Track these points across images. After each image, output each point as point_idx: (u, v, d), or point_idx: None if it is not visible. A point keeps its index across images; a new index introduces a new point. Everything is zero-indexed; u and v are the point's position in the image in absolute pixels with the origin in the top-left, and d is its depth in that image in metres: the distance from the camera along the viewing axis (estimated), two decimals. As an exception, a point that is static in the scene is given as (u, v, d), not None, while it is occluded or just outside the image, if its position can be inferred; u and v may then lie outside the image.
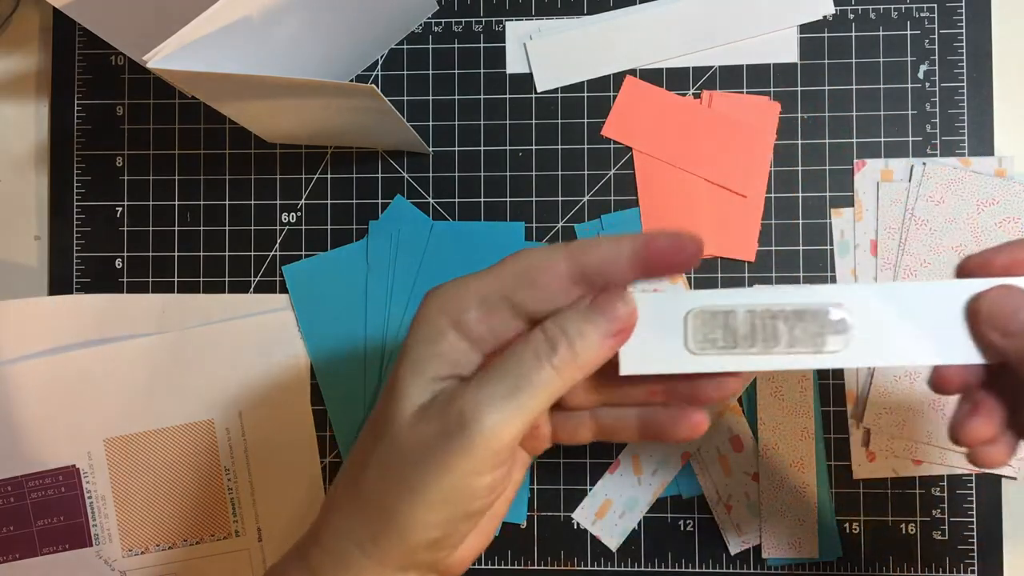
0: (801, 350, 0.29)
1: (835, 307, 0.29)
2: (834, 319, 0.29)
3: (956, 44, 0.48)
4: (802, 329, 0.29)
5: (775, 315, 0.29)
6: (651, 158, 0.48)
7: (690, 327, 0.29)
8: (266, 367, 0.49)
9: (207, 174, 0.51)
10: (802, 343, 0.29)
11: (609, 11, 0.49)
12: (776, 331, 0.29)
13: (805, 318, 0.29)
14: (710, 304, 0.29)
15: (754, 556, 0.48)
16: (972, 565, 0.47)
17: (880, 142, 0.48)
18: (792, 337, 0.29)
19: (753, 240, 0.48)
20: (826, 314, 0.29)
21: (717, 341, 0.29)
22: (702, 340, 0.29)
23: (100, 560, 0.50)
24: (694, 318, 0.29)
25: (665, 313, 0.30)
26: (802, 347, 0.29)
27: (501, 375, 0.28)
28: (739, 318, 0.29)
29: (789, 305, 0.29)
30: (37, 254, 0.51)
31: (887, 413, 0.47)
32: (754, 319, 0.29)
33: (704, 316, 0.29)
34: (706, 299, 0.30)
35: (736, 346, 0.29)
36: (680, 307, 0.30)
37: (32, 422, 0.49)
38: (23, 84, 0.52)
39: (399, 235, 0.49)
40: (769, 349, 0.29)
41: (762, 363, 0.29)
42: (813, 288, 0.29)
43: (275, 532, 0.50)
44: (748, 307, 0.29)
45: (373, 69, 0.50)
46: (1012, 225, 0.46)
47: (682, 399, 0.31)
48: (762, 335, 0.29)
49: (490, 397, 0.27)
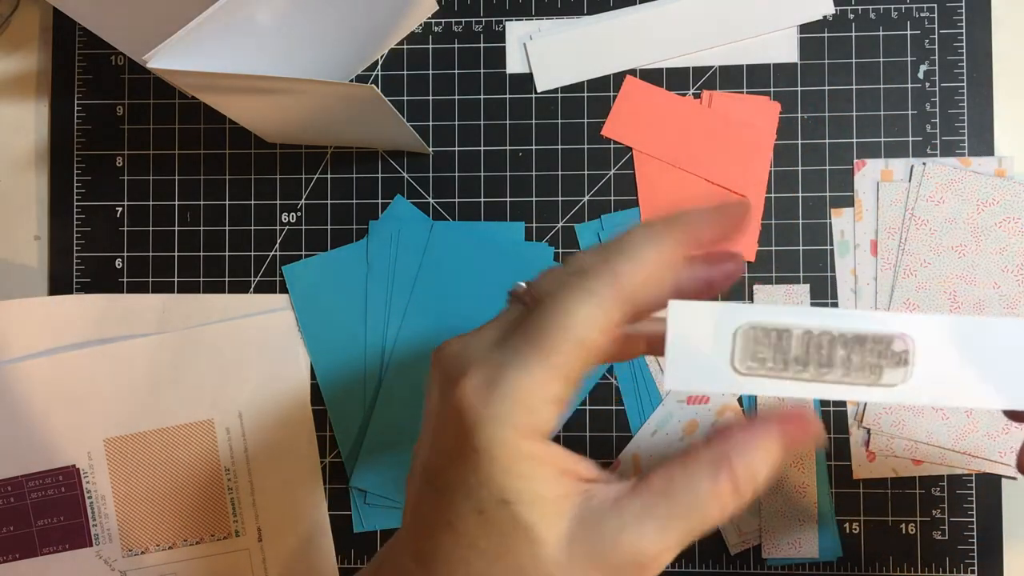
0: (856, 380, 0.27)
1: (899, 337, 0.26)
2: (897, 349, 0.26)
3: (956, 44, 0.48)
4: (860, 357, 0.26)
5: (834, 339, 0.27)
6: (651, 158, 0.48)
7: (738, 344, 0.27)
8: (266, 367, 0.49)
9: (207, 174, 0.51)
10: (858, 372, 0.27)
11: (609, 11, 0.49)
12: (832, 356, 0.27)
13: (865, 344, 0.26)
14: (763, 321, 0.27)
15: (754, 556, 0.48)
16: (972, 565, 0.47)
17: (880, 142, 0.48)
18: (848, 364, 0.27)
19: (753, 240, 0.48)
20: (889, 343, 0.26)
21: (766, 362, 0.27)
22: (750, 360, 0.27)
23: (100, 560, 0.50)
24: (743, 335, 0.27)
25: (713, 326, 0.27)
26: (857, 377, 0.27)
27: (677, 517, 0.25)
28: (794, 338, 0.27)
29: (850, 330, 0.27)
30: (37, 254, 0.51)
31: (887, 413, 0.47)
32: (810, 340, 0.27)
33: (755, 333, 0.27)
34: (760, 315, 0.27)
35: (786, 369, 0.27)
36: (730, 321, 0.27)
37: (32, 422, 0.49)
38: (23, 84, 0.52)
39: (399, 235, 0.49)
40: (821, 376, 0.27)
41: (813, 391, 0.27)
42: (877, 315, 0.27)
43: (275, 532, 0.50)
44: (805, 328, 0.27)
45: (373, 69, 0.50)
46: (1012, 225, 0.46)
47: None
48: (816, 359, 0.27)
49: (669, 545, 0.25)
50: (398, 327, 0.49)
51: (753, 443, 0.26)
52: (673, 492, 0.25)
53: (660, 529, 0.24)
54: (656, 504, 0.25)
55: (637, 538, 0.24)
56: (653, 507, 0.25)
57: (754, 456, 0.25)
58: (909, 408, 0.46)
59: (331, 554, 0.49)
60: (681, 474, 0.25)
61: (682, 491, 0.25)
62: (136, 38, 0.42)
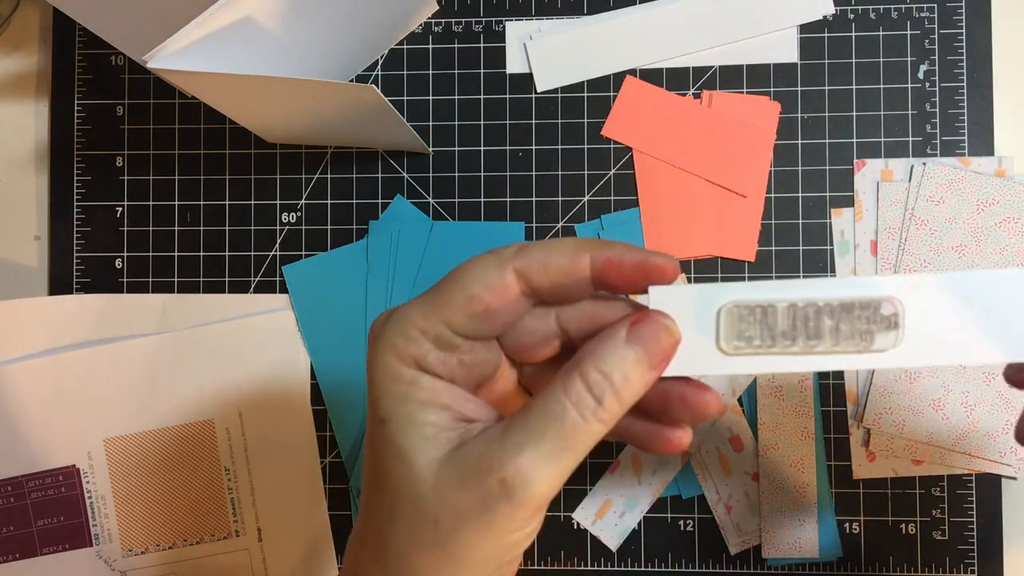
0: (846, 348, 0.26)
1: (887, 300, 0.26)
2: (885, 313, 0.26)
3: (956, 44, 0.48)
4: (849, 324, 0.26)
5: (820, 309, 0.26)
6: (651, 158, 0.48)
7: (723, 324, 0.26)
8: (266, 367, 0.49)
9: (207, 174, 0.51)
10: (848, 341, 0.26)
11: (609, 11, 0.49)
12: (820, 327, 0.26)
13: (853, 312, 0.26)
14: (746, 298, 0.26)
15: (754, 556, 0.48)
16: (972, 565, 0.47)
17: (880, 142, 0.48)
18: (837, 334, 0.26)
19: (753, 240, 0.48)
20: (877, 308, 0.26)
21: (753, 339, 0.26)
22: (736, 338, 0.26)
23: (100, 560, 0.50)
24: (727, 314, 0.26)
25: (695, 308, 0.26)
26: (847, 345, 0.26)
27: (541, 433, 0.25)
28: (779, 313, 0.26)
29: (835, 298, 0.26)
30: (37, 254, 0.51)
31: (887, 413, 0.47)
32: (796, 313, 0.26)
33: (740, 311, 0.26)
34: (742, 292, 0.26)
35: (774, 344, 0.26)
36: (713, 302, 0.26)
37: (32, 422, 0.49)
38: (23, 84, 0.52)
39: (399, 235, 0.49)
40: (811, 348, 0.26)
41: (803, 364, 0.26)
42: (863, 279, 0.26)
43: (275, 532, 0.50)
44: (790, 301, 0.26)
45: (373, 69, 0.50)
46: (1012, 225, 0.46)
47: (658, 415, 0.29)
48: (804, 332, 0.26)
49: (534, 462, 0.25)
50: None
51: (602, 347, 0.26)
52: (532, 409, 0.26)
53: (518, 446, 0.25)
54: (517, 424, 0.26)
55: (499, 457, 0.25)
56: (514, 427, 0.26)
57: (605, 359, 0.26)
58: (909, 408, 0.46)
59: (331, 554, 0.49)
60: (541, 393, 0.26)
61: (539, 406, 0.26)
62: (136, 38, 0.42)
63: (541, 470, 0.25)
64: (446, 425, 0.27)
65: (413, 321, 0.27)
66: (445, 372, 0.27)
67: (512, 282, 0.27)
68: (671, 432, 0.29)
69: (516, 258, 0.27)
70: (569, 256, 0.27)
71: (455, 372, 0.28)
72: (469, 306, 0.26)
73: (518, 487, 0.25)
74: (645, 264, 0.26)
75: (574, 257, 0.27)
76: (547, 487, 0.25)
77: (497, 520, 0.25)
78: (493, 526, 0.25)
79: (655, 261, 0.26)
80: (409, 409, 0.26)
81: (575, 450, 0.25)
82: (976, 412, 0.46)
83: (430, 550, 0.26)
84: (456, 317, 0.27)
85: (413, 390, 0.27)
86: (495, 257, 0.27)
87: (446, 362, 0.27)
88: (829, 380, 0.48)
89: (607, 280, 0.27)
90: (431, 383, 0.27)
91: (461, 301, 0.26)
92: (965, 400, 0.46)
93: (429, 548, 0.26)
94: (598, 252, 0.27)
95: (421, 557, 0.26)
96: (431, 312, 0.27)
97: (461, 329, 0.27)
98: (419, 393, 0.27)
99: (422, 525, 0.26)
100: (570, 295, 0.28)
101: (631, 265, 0.27)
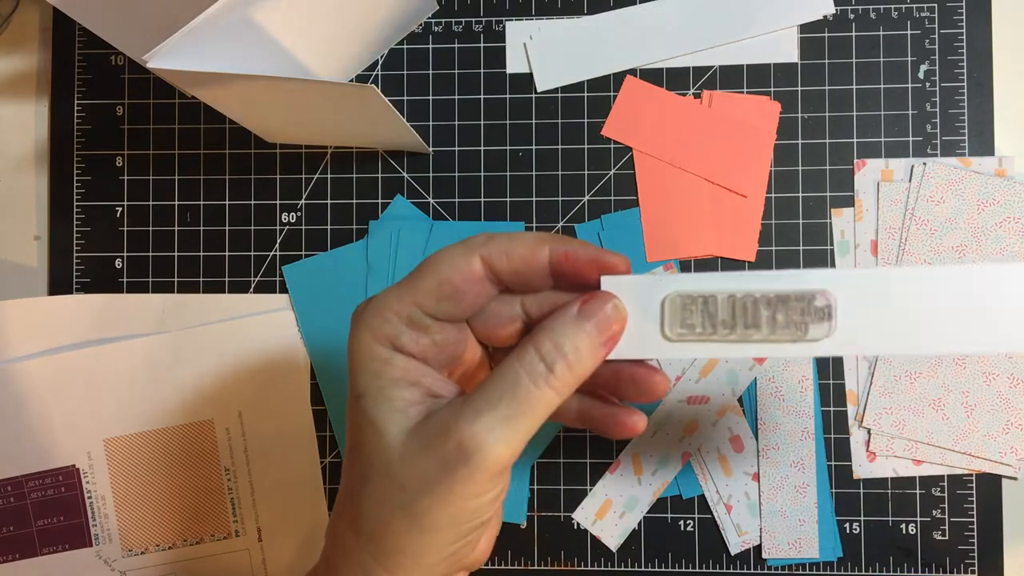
0: (782, 337, 0.28)
1: (820, 293, 0.28)
2: (819, 305, 0.28)
3: (956, 44, 0.48)
4: (784, 315, 0.28)
5: (757, 300, 0.28)
6: (651, 158, 0.48)
7: (667, 312, 0.28)
8: (266, 367, 0.49)
9: (207, 174, 0.51)
10: (784, 330, 0.28)
11: (609, 11, 0.49)
12: (757, 317, 0.28)
13: (788, 303, 0.28)
14: (689, 289, 0.28)
15: (754, 556, 0.48)
16: (972, 565, 0.47)
17: (880, 142, 0.48)
18: (774, 323, 0.28)
19: (753, 240, 0.48)
20: (811, 300, 0.28)
21: (695, 327, 0.28)
22: (679, 326, 0.28)
23: (100, 560, 0.50)
24: (671, 303, 0.28)
25: (642, 297, 0.29)
26: (783, 334, 0.28)
27: (496, 399, 0.27)
28: (719, 303, 0.28)
29: (772, 290, 0.28)
30: (37, 254, 0.51)
31: (887, 413, 0.47)
32: (735, 304, 0.28)
33: (682, 301, 0.28)
34: (685, 283, 0.28)
35: (715, 332, 0.28)
36: (658, 292, 0.29)
37: (32, 422, 0.49)
38: (23, 84, 0.52)
39: (399, 235, 0.49)
40: (748, 336, 0.28)
41: (740, 351, 0.28)
42: (798, 273, 0.28)
43: (275, 532, 0.50)
44: (729, 292, 0.28)
45: (373, 69, 0.50)
46: (1012, 225, 0.46)
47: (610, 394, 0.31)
48: (742, 321, 0.28)
49: (489, 425, 0.27)
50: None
51: (554, 321, 0.28)
52: (490, 379, 0.28)
53: (476, 411, 0.27)
54: (476, 393, 0.28)
55: (457, 423, 0.27)
56: (473, 396, 0.28)
57: (557, 331, 0.28)
58: (909, 408, 0.46)
59: (331, 554, 0.49)
60: (499, 365, 0.28)
61: (496, 376, 0.28)
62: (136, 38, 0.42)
63: (496, 433, 0.27)
64: (416, 400, 0.29)
65: (389, 304, 0.29)
66: (417, 352, 0.29)
67: (478, 267, 0.29)
68: (627, 416, 0.31)
69: (482, 246, 0.29)
70: (530, 247, 0.29)
71: (427, 352, 0.30)
72: (439, 289, 0.29)
73: (474, 451, 0.27)
74: (598, 259, 0.29)
75: (534, 248, 0.29)
76: (502, 451, 0.27)
77: (456, 484, 0.27)
78: (454, 489, 0.27)
79: (607, 258, 0.29)
80: (382, 384, 0.29)
81: (529, 415, 0.27)
82: (976, 412, 0.46)
83: (399, 514, 0.28)
84: (428, 300, 0.29)
85: (387, 368, 0.29)
86: (463, 246, 0.29)
87: (418, 342, 0.29)
88: (829, 380, 0.48)
89: (563, 271, 0.29)
90: (404, 362, 0.29)
91: (432, 285, 0.29)
92: (965, 400, 0.46)
93: (399, 512, 0.28)
94: (556, 246, 0.29)
95: (391, 521, 0.28)
96: (405, 295, 0.29)
97: (432, 311, 0.29)
98: (392, 371, 0.29)
99: (391, 491, 0.28)
100: (531, 284, 0.30)
101: (585, 259, 0.29)
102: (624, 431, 0.31)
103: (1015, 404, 0.46)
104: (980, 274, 0.27)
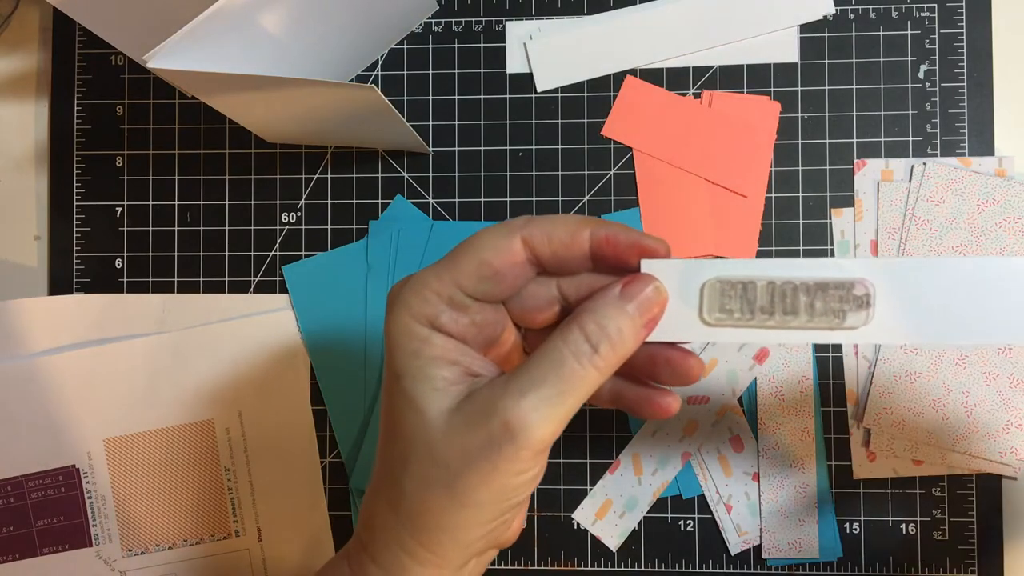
0: (820, 324, 0.28)
1: (859, 282, 0.28)
2: (858, 294, 0.28)
3: (956, 44, 0.48)
4: (823, 302, 0.28)
5: (796, 287, 0.28)
6: (651, 158, 0.48)
7: (706, 297, 0.29)
8: (266, 367, 0.49)
9: (207, 174, 0.51)
10: (821, 317, 0.28)
11: (609, 11, 0.49)
12: (796, 303, 0.28)
13: (827, 291, 0.28)
14: (728, 274, 0.29)
15: (754, 556, 0.48)
16: (972, 565, 0.47)
17: (880, 142, 0.48)
18: (812, 311, 0.28)
19: (753, 240, 0.48)
20: (850, 288, 0.28)
21: (733, 312, 0.29)
22: (718, 311, 0.29)
23: (100, 560, 0.50)
24: (710, 288, 0.29)
25: (681, 281, 0.29)
26: (821, 321, 0.28)
27: (541, 379, 0.27)
28: (758, 289, 0.28)
29: (811, 278, 0.28)
30: (37, 254, 0.51)
31: (887, 413, 0.47)
32: (774, 291, 0.28)
33: (721, 286, 0.29)
34: (725, 269, 0.29)
35: (753, 318, 0.28)
36: (697, 276, 0.29)
37: (32, 422, 0.49)
38: (23, 84, 0.52)
39: (399, 235, 0.49)
40: (787, 323, 0.28)
41: (778, 337, 0.28)
42: (838, 261, 0.28)
43: (275, 532, 0.50)
44: (769, 278, 0.28)
45: (373, 69, 0.50)
46: (1013, 225, 0.46)
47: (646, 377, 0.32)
48: (780, 307, 0.28)
49: (534, 404, 0.27)
50: (398, 327, 0.48)
51: (597, 302, 0.28)
52: (533, 359, 0.28)
53: (521, 391, 0.27)
54: (520, 372, 0.28)
55: (503, 402, 0.27)
56: (517, 375, 0.28)
57: (600, 312, 0.28)
58: (909, 408, 0.46)
59: (331, 554, 0.49)
60: (542, 346, 0.28)
61: (540, 355, 0.28)
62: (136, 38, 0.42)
63: (541, 412, 0.27)
64: (455, 379, 0.29)
65: (427, 283, 0.29)
66: (456, 331, 0.29)
67: (519, 248, 0.29)
68: (661, 397, 0.31)
69: (523, 228, 0.29)
70: (571, 230, 0.29)
71: (466, 332, 0.30)
72: (479, 270, 0.29)
73: (520, 429, 0.27)
74: (639, 243, 0.29)
75: (576, 231, 0.29)
76: (547, 430, 0.27)
77: (501, 461, 0.27)
78: (498, 467, 0.27)
79: (648, 242, 0.29)
80: (421, 364, 0.29)
81: (573, 395, 0.27)
82: (976, 412, 0.46)
83: (442, 491, 0.28)
84: (467, 280, 0.29)
85: (426, 347, 0.29)
86: (505, 227, 0.29)
87: (457, 322, 0.29)
88: (829, 380, 0.48)
89: (603, 255, 0.29)
90: (443, 341, 0.29)
91: (473, 265, 0.29)
92: (965, 400, 0.46)
93: (440, 489, 0.28)
94: (597, 229, 0.29)
95: (433, 499, 0.28)
96: (445, 275, 0.29)
97: (472, 291, 0.29)
98: (431, 350, 0.29)
99: (434, 468, 0.28)
100: (570, 266, 0.30)
101: (626, 243, 0.29)
102: (658, 412, 0.31)
103: (1015, 404, 0.46)
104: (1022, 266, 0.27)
